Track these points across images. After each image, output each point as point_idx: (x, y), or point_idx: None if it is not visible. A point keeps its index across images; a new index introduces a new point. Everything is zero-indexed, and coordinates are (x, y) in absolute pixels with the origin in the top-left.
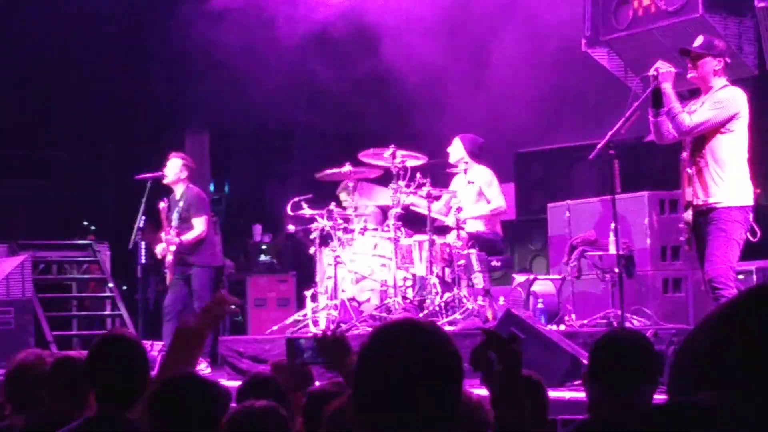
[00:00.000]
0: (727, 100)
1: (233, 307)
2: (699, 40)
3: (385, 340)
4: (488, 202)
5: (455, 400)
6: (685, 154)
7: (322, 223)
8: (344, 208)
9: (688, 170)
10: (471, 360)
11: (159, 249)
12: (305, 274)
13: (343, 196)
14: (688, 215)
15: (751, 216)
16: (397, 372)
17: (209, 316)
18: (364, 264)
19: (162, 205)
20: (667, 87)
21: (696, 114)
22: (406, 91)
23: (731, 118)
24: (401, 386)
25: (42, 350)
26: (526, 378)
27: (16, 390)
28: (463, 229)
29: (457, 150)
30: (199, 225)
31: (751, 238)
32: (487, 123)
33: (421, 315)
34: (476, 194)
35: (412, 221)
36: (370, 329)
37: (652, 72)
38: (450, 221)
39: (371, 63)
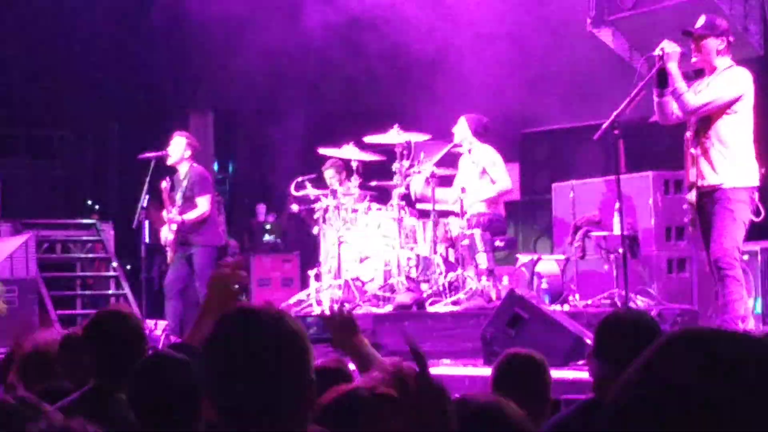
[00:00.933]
0: (732, 80)
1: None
2: (700, 21)
3: (222, 328)
4: (493, 182)
5: (301, 379)
6: (689, 135)
7: (326, 202)
8: (329, 187)
9: (693, 151)
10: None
11: (163, 235)
12: (309, 253)
13: (330, 173)
14: (692, 196)
15: (756, 196)
16: (237, 358)
17: (213, 294)
18: (368, 243)
19: (164, 183)
20: (673, 67)
21: (701, 94)
22: (412, 71)
23: (736, 99)
24: (242, 371)
25: (52, 330)
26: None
27: (29, 370)
28: (465, 213)
29: (462, 129)
30: (203, 204)
31: (755, 219)
32: (492, 103)
33: (424, 294)
34: (479, 174)
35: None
36: (374, 309)
37: (657, 52)
38: (452, 198)
39: (377, 42)
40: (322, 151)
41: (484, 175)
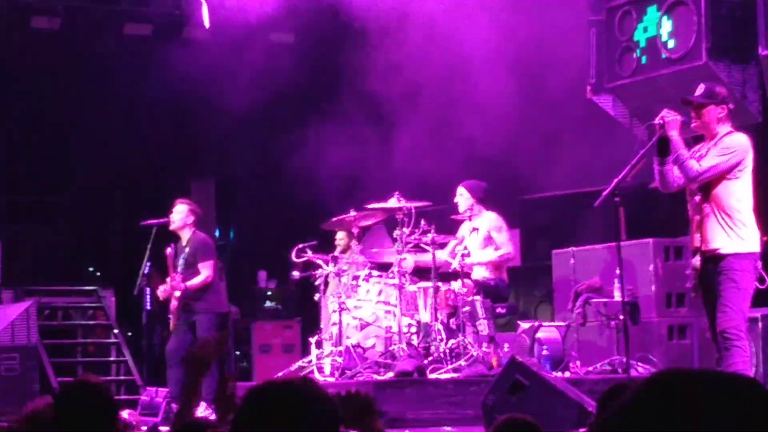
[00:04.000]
0: (734, 146)
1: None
2: (700, 89)
3: (255, 403)
4: (496, 248)
5: None
6: (692, 201)
7: (327, 269)
8: (336, 247)
9: (696, 217)
10: None
11: (160, 290)
12: (310, 320)
13: (340, 235)
14: (697, 261)
15: (759, 264)
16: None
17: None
18: (368, 311)
19: (168, 250)
20: (674, 135)
21: (704, 160)
22: (411, 138)
23: (737, 164)
24: None
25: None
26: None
27: None
28: (469, 275)
29: (464, 199)
30: (206, 270)
31: (759, 286)
32: (492, 169)
33: (425, 361)
34: (483, 240)
35: (417, 269)
36: (375, 376)
37: (658, 120)
38: (455, 264)
39: (374, 109)
40: (325, 224)
41: (488, 242)
